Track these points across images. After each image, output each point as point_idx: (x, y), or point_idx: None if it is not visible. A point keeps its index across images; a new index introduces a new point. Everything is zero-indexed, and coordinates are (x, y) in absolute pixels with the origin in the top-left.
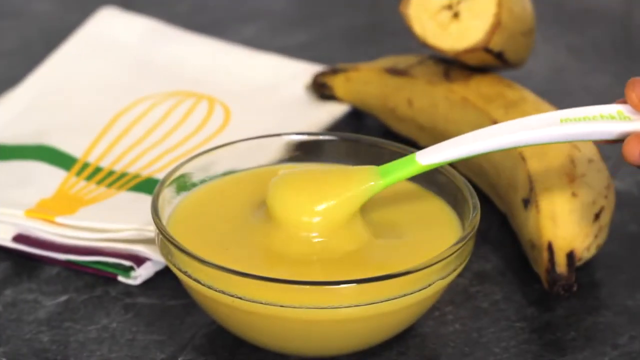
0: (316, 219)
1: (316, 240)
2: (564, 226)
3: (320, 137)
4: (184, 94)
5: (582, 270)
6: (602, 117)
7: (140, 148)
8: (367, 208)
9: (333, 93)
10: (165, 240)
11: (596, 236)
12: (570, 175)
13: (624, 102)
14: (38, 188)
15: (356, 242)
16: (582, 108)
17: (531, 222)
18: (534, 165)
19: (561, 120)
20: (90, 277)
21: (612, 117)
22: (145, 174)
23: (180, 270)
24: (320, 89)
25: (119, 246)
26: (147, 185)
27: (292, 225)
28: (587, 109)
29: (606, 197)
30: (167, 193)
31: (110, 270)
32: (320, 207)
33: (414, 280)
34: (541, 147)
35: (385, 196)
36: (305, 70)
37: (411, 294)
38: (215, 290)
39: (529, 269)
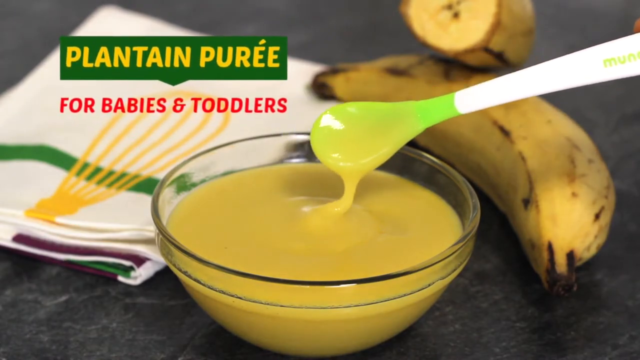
0: (353, 164)
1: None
2: (564, 226)
3: None
4: (184, 94)
5: (582, 270)
6: None
7: (140, 148)
8: (369, 202)
9: (333, 93)
10: (165, 240)
11: (596, 236)
12: (570, 175)
13: None
14: (38, 188)
15: (361, 236)
16: (623, 41)
17: (531, 222)
18: (534, 165)
19: (604, 62)
20: (90, 277)
21: None
22: (145, 174)
23: (180, 270)
24: (320, 89)
25: (119, 246)
26: (147, 185)
27: (333, 168)
28: (630, 43)
29: (606, 197)
30: (167, 193)
31: (110, 270)
32: (360, 154)
33: (414, 280)
34: (541, 147)
35: (386, 194)
36: (305, 70)
37: (411, 294)
38: (215, 290)
39: (529, 269)
